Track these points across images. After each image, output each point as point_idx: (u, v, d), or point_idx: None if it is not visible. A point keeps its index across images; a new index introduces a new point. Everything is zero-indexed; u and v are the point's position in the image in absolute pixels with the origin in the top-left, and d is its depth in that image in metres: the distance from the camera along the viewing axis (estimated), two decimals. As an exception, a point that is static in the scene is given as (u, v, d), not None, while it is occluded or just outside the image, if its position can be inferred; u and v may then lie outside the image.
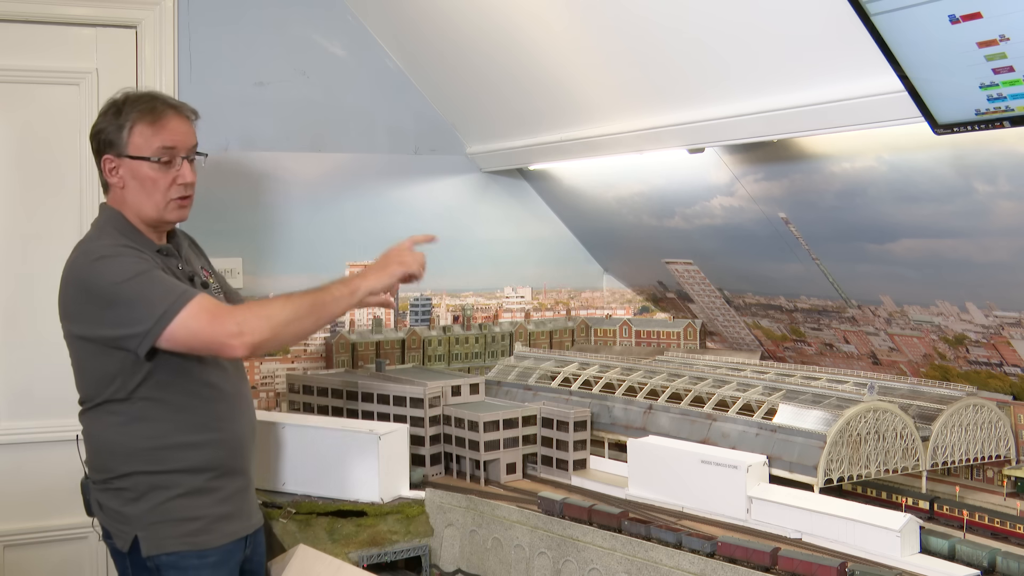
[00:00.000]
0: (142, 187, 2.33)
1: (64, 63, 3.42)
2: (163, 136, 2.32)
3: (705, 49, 2.63)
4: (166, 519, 2.35)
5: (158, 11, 3.47)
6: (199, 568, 2.38)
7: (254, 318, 2.19)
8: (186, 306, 2.17)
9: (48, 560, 3.44)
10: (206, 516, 2.39)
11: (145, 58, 3.48)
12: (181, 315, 2.17)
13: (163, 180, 2.33)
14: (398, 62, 3.86)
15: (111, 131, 2.32)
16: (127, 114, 2.31)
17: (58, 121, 3.43)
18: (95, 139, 2.36)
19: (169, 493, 2.35)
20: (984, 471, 2.92)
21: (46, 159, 3.43)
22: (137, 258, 2.25)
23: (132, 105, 2.32)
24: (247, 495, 2.52)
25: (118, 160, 2.32)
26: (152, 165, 2.31)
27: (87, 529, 3.45)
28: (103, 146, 2.34)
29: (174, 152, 2.34)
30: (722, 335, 4.02)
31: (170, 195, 2.34)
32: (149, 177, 2.32)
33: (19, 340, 3.41)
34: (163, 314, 2.17)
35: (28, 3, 3.33)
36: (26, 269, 3.42)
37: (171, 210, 2.37)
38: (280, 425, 3.01)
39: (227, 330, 2.17)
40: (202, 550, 2.37)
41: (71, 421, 3.48)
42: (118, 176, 2.34)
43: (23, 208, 3.41)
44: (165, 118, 2.33)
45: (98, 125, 2.35)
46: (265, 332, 2.19)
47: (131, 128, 2.30)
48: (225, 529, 2.41)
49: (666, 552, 2.44)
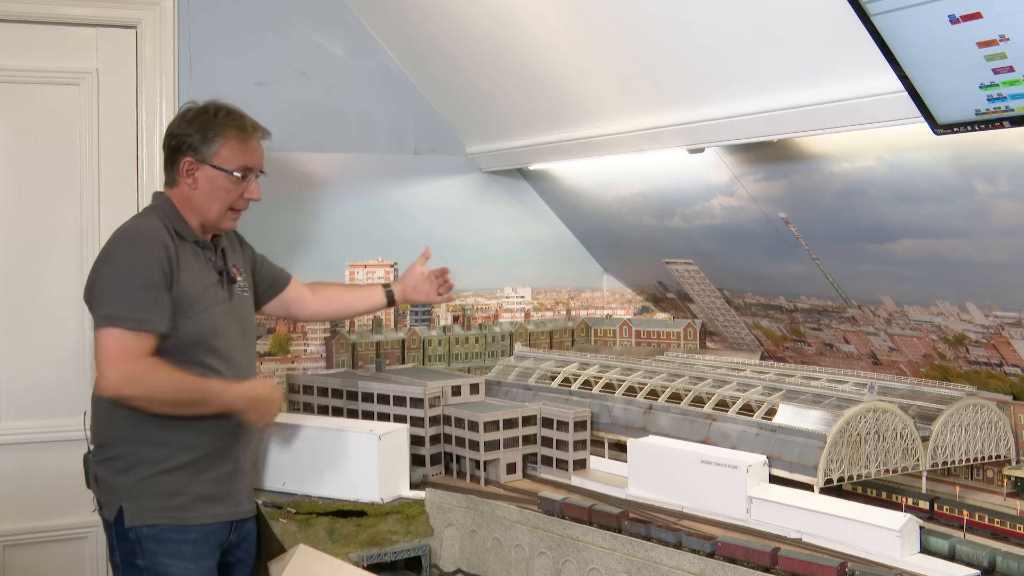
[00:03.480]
0: (213, 194, 2.55)
1: (64, 63, 3.42)
2: (247, 156, 2.57)
3: (705, 49, 2.63)
4: (150, 492, 2.46)
5: (158, 11, 3.47)
6: (178, 543, 2.46)
7: (140, 384, 2.36)
8: (122, 329, 2.34)
9: (48, 560, 3.44)
10: (189, 493, 2.50)
11: (145, 58, 3.48)
12: (113, 330, 2.35)
13: (234, 192, 2.57)
14: (398, 62, 3.86)
15: (198, 138, 2.53)
16: (220, 128, 2.54)
17: (58, 121, 3.43)
18: (175, 139, 2.55)
19: (156, 467, 2.47)
20: (984, 471, 2.93)
21: (46, 159, 3.43)
22: (153, 258, 2.40)
23: (225, 120, 2.55)
24: (236, 481, 2.59)
25: (199, 165, 2.54)
26: (231, 178, 2.55)
27: (87, 529, 3.46)
28: (185, 148, 2.53)
29: (251, 171, 2.59)
30: (722, 335, 4.02)
31: (234, 206, 2.58)
32: (224, 187, 2.55)
33: (19, 340, 3.41)
34: (109, 316, 2.36)
35: (28, 3, 3.33)
36: (26, 269, 3.42)
37: (228, 219, 2.61)
38: (280, 425, 3.01)
39: (112, 373, 2.34)
40: (182, 526, 2.47)
41: (71, 421, 3.49)
42: (193, 178, 2.54)
43: (23, 208, 3.41)
44: (252, 140, 2.59)
45: (182, 128, 2.55)
46: (137, 397, 2.37)
47: (222, 142, 2.53)
48: (208, 510, 2.49)
49: (666, 552, 2.44)
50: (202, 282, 2.54)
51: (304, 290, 3.06)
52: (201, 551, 2.51)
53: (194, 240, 2.56)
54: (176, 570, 2.47)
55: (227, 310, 2.60)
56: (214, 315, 2.54)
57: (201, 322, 2.50)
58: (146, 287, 2.39)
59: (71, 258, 3.45)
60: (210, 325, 2.53)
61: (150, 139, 3.49)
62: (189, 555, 2.49)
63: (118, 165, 3.48)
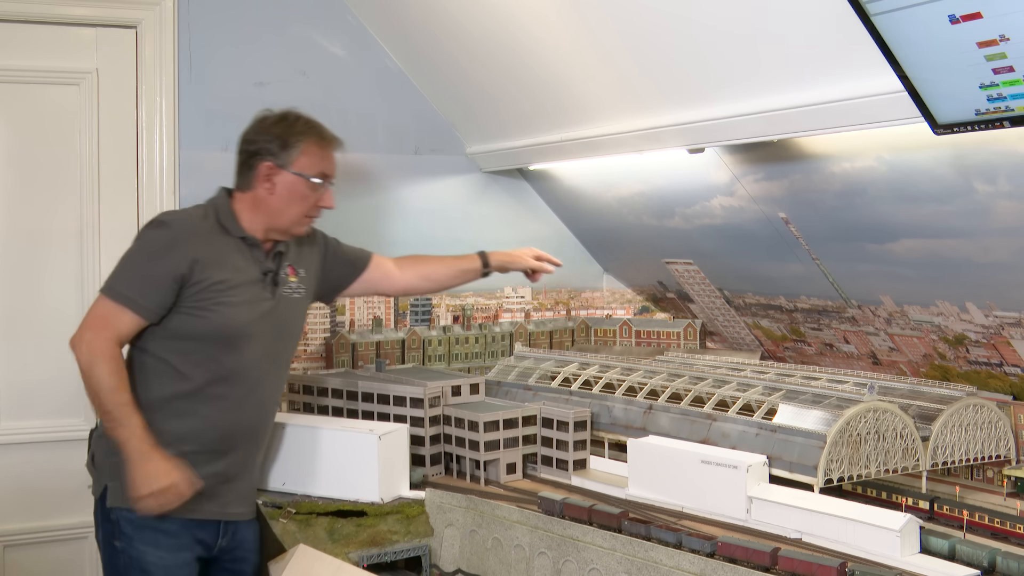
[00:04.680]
0: (291, 199, 2.57)
1: (64, 63, 3.42)
2: (325, 164, 2.60)
3: (705, 49, 2.63)
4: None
5: (158, 11, 3.47)
6: (154, 533, 2.46)
7: (88, 355, 2.42)
8: (111, 301, 2.44)
9: (48, 560, 3.44)
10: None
11: (145, 58, 3.48)
12: (104, 299, 2.45)
13: (310, 199, 2.59)
14: (398, 62, 3.86)
15: (278, 144, 2.55)
16: (300, 135, 2.57)
17: (58, 121, 3.43)
18: (254, 144, 2.58)
19: None
20: (984, 471, 2.93)
21: (46, 159, 3.43)
22: (171, 249, 2.45)
23: (305, 128, 2.59)
24: (227, 483, 2.58)
25: (278, 170, 2.56)
26: (309, 184, 2.57)
27: (87, 529, 3.45)
28: (264, 153, 2.56)
29: (328, 179, 2.62)
30: (722, 335, 4.02)
31: (308, 213, 2.61)
32: (301, 193, 2.57)
33: (19, 340, 3.41)
34: (109, 285, 2.46)
35: (28, 3, 3.33)
36: (26, 269, 3.42)
37: (301, 225, 2.63)
38: (280, 425, 3.01)
39: (81, 331, 2.44)
40: (160, 515, 2.44)
41: (71, 421, 3.50)
42: (271, 183, 2.56)
43: (23, 208, 3.41)
44: (330, 149, 2.62)
45: (261, 134, 2.58)
46: (80, 364, 2.44)
47: (302, 148, 2.56)
48: (191, 504, 2.48)
49: (666, 552, 2.44)
50: (237, 277, 2.52)
51: (390, 267, 3.00)
52: (179, 543, 2.50)
53: (240, 236, 2.56)
54: (150, 557, 2.46)
55: (265, 311, 2.58)
56: (243, 312, 2.52)
57: (226, 316, 2.49)
58: (149, 274, 2.44)
59: (71, 258, 3.45)
60: (236, 321, 2.51)
61: (150, 139, 3.49)
62: (165, 545, 2.47)
63: (118, 165, 3.48)
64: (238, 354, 2.52)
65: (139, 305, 2.43)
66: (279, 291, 2.62)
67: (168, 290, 2.44)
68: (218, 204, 2.59)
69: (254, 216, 2.58)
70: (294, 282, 2.68)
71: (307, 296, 2.76)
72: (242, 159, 2.62)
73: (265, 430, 2.72)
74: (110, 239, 3.47)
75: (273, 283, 2.61)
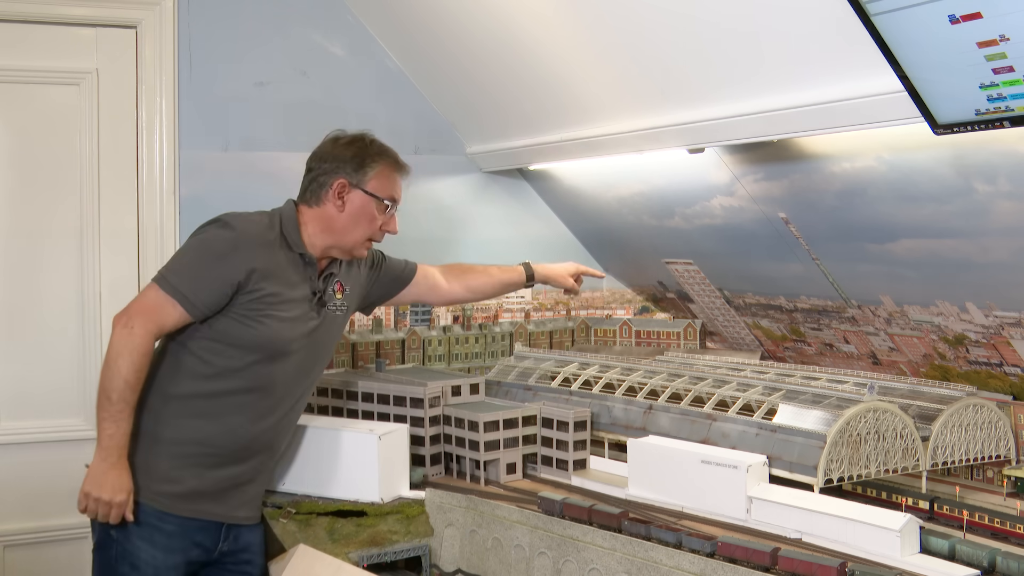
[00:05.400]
0: (359, 219, 2.60)
1: (64, 63, 3.42)
2: (395, 189, 2.66)
3: (705, 49, 2.63)
4: (146, 469, 2.48)
5: (158, 11, 3.47)
6: (154, 529, 2.46)
7: (120, 340, 2.40)
8: (162, 291, 2.43)
9: (48, 560, 3.44)
10: (184, 485, 2.50)
11: (145, 58, 3.48)
12: (156, 287, 2.44)
13: (378, 221, 2.63)
14: (398, 62, 3.86)
15: (354, 163, 2.60)
16: (375, 157, 2.62)
17: (58, 121, 3.43)
18: (329, 162, 2.61)
19: (159, 447, 2.49)
20: (984, 471, 2.93)
21: (46, 159, 3.43)
22: (233, 253, 2.45)
23: (380, 151, 2.65)
24: (238, 488, 2.57)
25: (352, 189, 2.59)
26: (379, 206, 2.61)
27: (87, 529, 3.44)
28: (338, 172, 2.59)
29: (395, 203, 2.67)
30: (722, 335, 4.02)
31: (372, 235, 2.64)
32: (370, 214, 2.61)
33: (19, 340, 3.41)
34: (162, 275, 2.45)
35: (28, 3, 3.33)
36: (26, 269, 3.42)
37: (362, 248, 2.67)
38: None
39: (128, 311, 2.43)
40: (163, 512, 2.48)
41: (71, 421, 3.50)
42: (343, 200, 2.59)
43: (23, 208, 3.41)
44: (400, 174, 2.68)
45: (337, 152, 2.62)
46: (111, 344, 2.42)
47: (377, 170, 2.61)
48: (193, 504, 2.49)
49: (666, 552, 2.44)
50: (290, 292, 2.54)
51: (436, 278, 3.05)
52: (174, 544, 2.50)
53: (300, 252, 2.57)
54: (143, 554, 2.46)
55: (310, 329, 2.59)
56: (289, 327, 2.53)
57: (272, 329, 2.50)
58: (206, 274, 2.44)
59: (71, 258, 3.45)
60: (281, 336, 2.52)
61: (150, 139, 3.49)
62: (160, 544, 2.47)
63: (118, 165, 3.48)
64: (274, 367, 2.54)
65: (190, 303, 2.43)
66: (325, 312, 2.64)
67: (221, 293, 2.44)
68: (284, 215, 2.60)
69: (318, 232, 2.59)
70: (339, 299, 2.70)
71: (349, 311, 2.79)
72: (312, 176, 2.63)
73: (283, 441, 2.73)
74: (110, 239, 3.48)
75: (320, 303, 2.63)
